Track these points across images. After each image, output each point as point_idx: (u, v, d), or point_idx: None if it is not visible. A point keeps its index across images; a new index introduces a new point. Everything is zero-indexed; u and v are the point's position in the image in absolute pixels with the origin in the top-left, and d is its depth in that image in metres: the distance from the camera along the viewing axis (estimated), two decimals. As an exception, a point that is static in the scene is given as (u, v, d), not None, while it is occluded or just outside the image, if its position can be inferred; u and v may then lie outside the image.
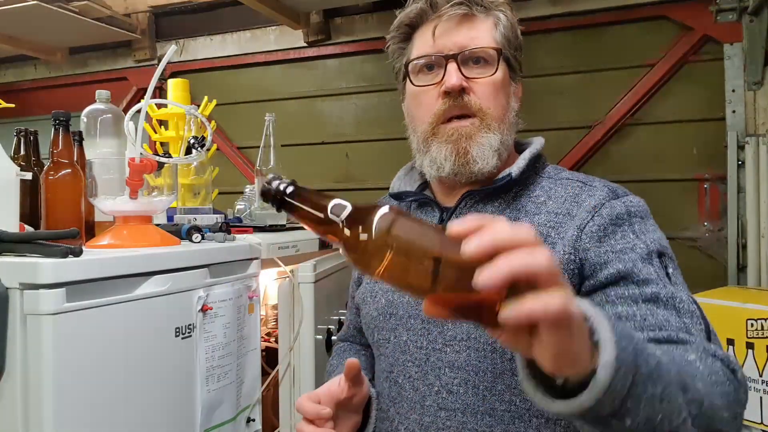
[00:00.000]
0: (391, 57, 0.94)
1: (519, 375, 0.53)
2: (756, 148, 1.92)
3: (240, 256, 1.23)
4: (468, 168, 0.83)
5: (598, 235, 0.78)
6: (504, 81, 0.86)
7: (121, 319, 0.93)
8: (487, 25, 0.86)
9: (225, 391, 1.16)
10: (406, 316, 0.86)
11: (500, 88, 0.85)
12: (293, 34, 2.60)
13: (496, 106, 0.85)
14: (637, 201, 0.82)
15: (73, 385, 0.85)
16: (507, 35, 0.87)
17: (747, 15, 1.96)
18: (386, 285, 0.85)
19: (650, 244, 0.76)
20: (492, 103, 0.84)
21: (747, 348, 1.62)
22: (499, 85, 0.85)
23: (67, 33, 2.62)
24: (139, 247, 1.03)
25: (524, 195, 0.87)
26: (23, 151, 1.24)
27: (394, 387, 0.86)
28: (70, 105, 1.60)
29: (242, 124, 2.75)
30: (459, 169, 0.84)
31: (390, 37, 0.93)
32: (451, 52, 0.84)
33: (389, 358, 0.88)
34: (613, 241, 0.77)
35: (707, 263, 2.04)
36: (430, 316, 0.50)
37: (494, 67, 0.85)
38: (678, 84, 2.10)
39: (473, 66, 0.85)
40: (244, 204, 1.77)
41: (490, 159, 0.84)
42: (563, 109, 2.23)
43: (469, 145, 0.83)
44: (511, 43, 0.87)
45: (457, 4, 0.84)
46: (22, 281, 0.83)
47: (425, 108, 0.86)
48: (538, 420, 0.78)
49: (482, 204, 0.87)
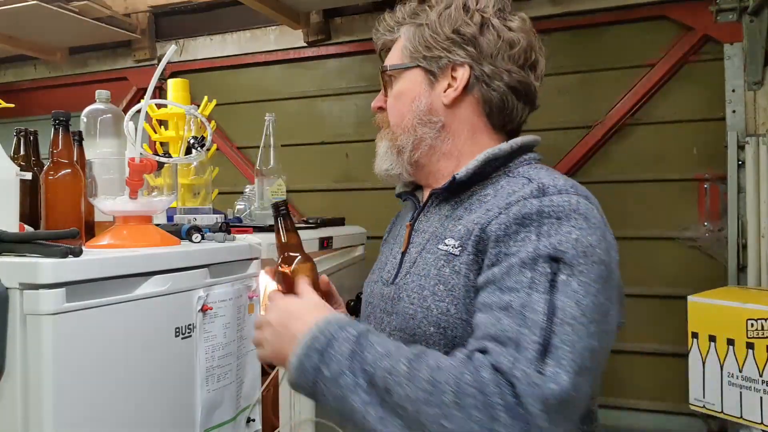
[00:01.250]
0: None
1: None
2: (756, 148, 1.92)
3: (240, 256, 1.23)
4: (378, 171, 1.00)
5: (497, 234, 0.76)
6: (400, 92, 0.95)
7: (121, 319, 0.93)
8: (398, 45, 0.97)
9: (225, 391, 1.16)
10: (374, 304, 0.97)
11: (396, 99, 0.96)
12: (293, 34, 2.60)
13: (393, 115, 0.96)
14: (560, 201, 0.75)
15: (73, 385, 0.85)
16: (416, 43, 0.93)
17: (747, 15, 1.96)
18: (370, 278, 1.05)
19: (543, 248, 0.71)
20: (391, 114, 0.97)
21: (747, 348, 1.62)
22: (396, 96, 0.96)
23: (67, 33, 2.62)
24: (139, 247, 1.03)
25: (477, 193, 0.88)
26: (23, 151, 1.24)
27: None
28: (70, 105, 1.60)
29: (242, 124, 2.75)
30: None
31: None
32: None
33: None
34: (511, 243, 0.74)
35: (707, 263, 2.04)
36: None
37: (390, 85, 0.97)
38: (678, 84, 2.10)
39: (388, 86, 0.98)
40: (244, 204, 1.77)
41: (381, 163, 0.98)
42: (563, 109, 2.23)
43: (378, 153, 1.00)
44: (424, 46, 0.93)
45: (381, 35, 1.00)
46: (22, 281, 0.83)
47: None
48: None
49: (444, 202, 0.93)
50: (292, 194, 2.02)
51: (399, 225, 1.05)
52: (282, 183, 1.54)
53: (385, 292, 0.93)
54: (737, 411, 1.65)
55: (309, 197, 2.64)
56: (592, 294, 0.69)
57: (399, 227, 1.04)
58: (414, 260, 0.89)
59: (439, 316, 0.80)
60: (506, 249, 0.74)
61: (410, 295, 0.85)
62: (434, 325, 0.80)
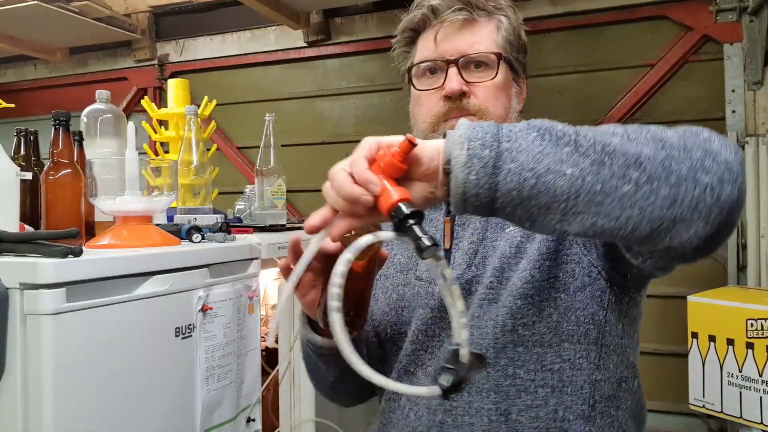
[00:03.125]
0: (397, 60, 0.97)
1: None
2: (756, 148, 1.92)
3: (240, 256, 1.23)
4: None
5: None
6: (505, 83, 0.88)
7: (121, 319, 0.93)
8: (489, 29, 0.88)
9: (225, 391, 1.16)
10: (418, 307, 0.87)
11: (501, 90, 0.87)
12: (293, 34, 2.60)
13: (496, 106, 0.86)
14: None
15: (73, 385, 0.85)
16: (509, 38, 0.88)
17: (747, 15, 1.96)
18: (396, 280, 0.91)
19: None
20: (492, 103, 0.86)
21: (747, 348, 1.62)
22: (500, 87, 0.87)
23: (67, 33, 2.62)
24: (139, 247, 1.03)
25: None
26: (23, 151, 1.24)
27: (405, 377, 0.86)
28: (70, 105, 1.60)
29: (242, 124, 2.75)
30: None
31: (395, 41, 0.95)
32: (452, 57, 0.86)
33: (403, 351, 0.88)
34: None
35: (707, 263, 2.04)
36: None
37: (494, 71, 0.86)
38: (678, 84, 2.10)
39: (474, 70, 0.86)
40: (244, 204, 1.77)
41: None
42: (563, 109, 2.23)
43: None
44: (513, 46, 0.89)
45: (458, 9, 0.86)
46: (22, 281, 0.83)
47: (426, 110, 0.88)
48: (544, 390, 0.78)
49: None
50: (292, 194, 2.02)
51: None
52: (282, 183, 1.54)
53: (438, 290, 0.84)
54: (737, 411, 1.65)
55: (309, 197, 2.64)
56: None
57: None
58: (475, 251, 0.84)
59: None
60: None
61: (489, 278, 0.81)
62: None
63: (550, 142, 0.56)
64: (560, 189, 0.55)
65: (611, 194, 0.55)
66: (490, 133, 0.57)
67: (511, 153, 0.55)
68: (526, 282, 0.79)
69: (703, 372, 1.76)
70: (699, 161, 0.57)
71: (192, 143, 1.44)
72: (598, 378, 0.79)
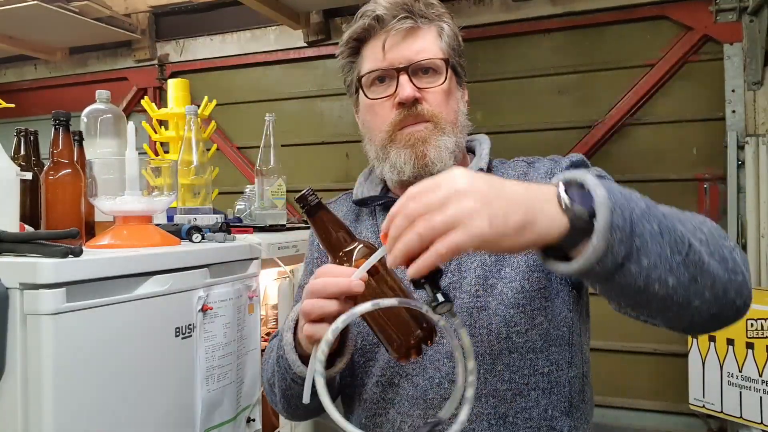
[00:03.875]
0: (342, 71, 0.97)
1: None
2: (756, 148, 1.92)
3: (240, 256, 1.23)
4: (428, 170, 0.86)
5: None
6: (452, 88, 0.91)
7: (121, 319, 0.93)
8: (432, 35, 0.90)
9: (225, 391, 1.16)
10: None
11: (450, 94, 0.90)
12: (293, 34, 2.60)
13: (448, 111, 0.89)
14: (575, 155, 0.91)
15: (73, 385, 0.85)
16: (451, 44, 0.91)
17: (747, 15, 1.96)
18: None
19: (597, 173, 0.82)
20: (444, 108, 0.89)
21: (747, 348, 1.63)
22: (449, 92, 0.90)
23: (67, 33, 2.62)
24: (139, 247, 1.03)
25: None
26: (23, 151, 1.25)
27: (390, 389, 0.85)
28: (70, 105, 1.60)
29: (242, 124, 2.74)
30: (419, 171, 0.86)
31: (339, 52, 0.96)
32: (402, 65, 0.87)
33: (379, 362, 0.87)
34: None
35: (707, 263, 2.04)
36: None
37: (443, 76, 0.89)
38: (678, 84, 2.10)
39: (423, 76, 0.88)
40: (244, 204, 1.77)
41: (447, 160, 0.87)
42: (563, 109, 2.23)
43: (426, 149, 0.86)
44: (455, 51, 0.92)
45: (403, 18, 0.88)
46: (22, 281, 0.83)
47: (381, 118, 0.90)
48: (536, 392, 0.81)
49: None
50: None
51: (366, 234, 0.95)
52: (282, 183, 1.54)
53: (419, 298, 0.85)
54: (737, 411, 1.66)
55: (309, 197, 2.64)
56: None
57: (369, 236, 0.94)
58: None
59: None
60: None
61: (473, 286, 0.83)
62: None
63: (669, 245, 0.59)
64: (658, 295, 0.59)
65: (686, 306, 0.62)
66: (627, 230, 0.56)
67: (638, 255, 0.57)
68: (518, 292, 0.82)
69: (703, 372, 1.76)
70: (739, 287, 0.65)
71: (192, 143, 1.44)
72: (572, 375, 0.84)
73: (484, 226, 0.52)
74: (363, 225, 0.97)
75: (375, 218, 0.96)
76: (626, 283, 0.57)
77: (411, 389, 0.84)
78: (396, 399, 0.85)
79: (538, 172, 0.90)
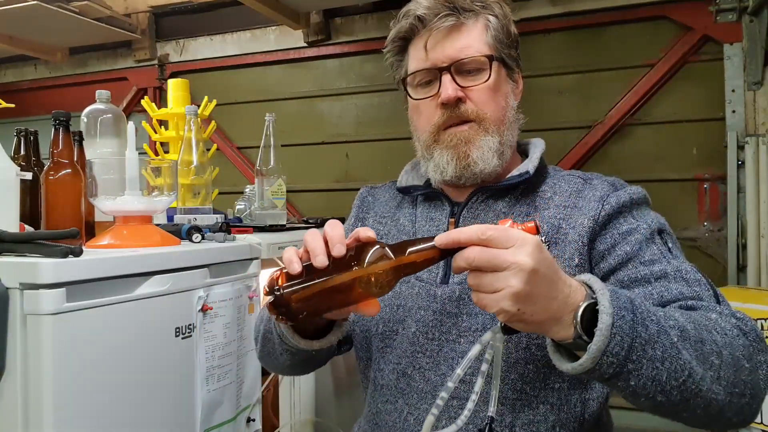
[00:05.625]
0: (390, 69, 0.97)
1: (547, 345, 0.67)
2: (756, 148, 1.92)
3: (240, 256, 1.23)
4: (470, 170, 0.87)
5: (604, 222, 0.83)
6: (499, 83, 0.89)
7: (121, 319, 0.93)
8: (477, 30, 0.88)
9: (225, 391, 1.16)
10: (415, 307, 0.87)
11: (495, 91, 0.88)
12: (293, 34, 2.60)
13: (493, 109, 0.88)
14: (637, 189, 0.88)
15: (73, 385, 0.85)
16: (498, 36, 0.89)
17: (747, 15, 1.96)
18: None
19: (651, 223, 0.83)
20: (488, 107, 0.87)
21: (747, 348, 1.62)
22: (494, 88, 0.88)
23: (67, 33, 2.62)
24: (139, 247, 1.03)
25: (531, 192, 0.90)
26: (23, 151, 1.25)
27: (403, 378, 0.86)
28: (70, 105, 1.60)
29: (242, 124, 2.75)
30: (461, 172, 0.87)
31: (386, 50, 0.96)
32: (444, 65, 0.86)
33: (397, 350, 0.88)
34: (618, 225, 0.83)
35: (707, 263, 2.04)
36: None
37: (487, 73, 0.87)
38: (678, 84, 2.10)
39: (467, 74, 0.87)
40: (244, 204, 1.77)
41: (490, 160, 0.87)
42: (563, 109, 2.23)
43: (469, 149, 0.86)
44: (503, 43, 0.89)
45: (444, 15, 0.86)
46: (22, 281, 0.83)
47: (426, 118, 0.90)
48: (545, 407, 0.80)
49: (492, 200, 0.90)
50: (292, 194, 2.02)
51: (403, 222, 0.96)
52: (282, 183, 1.54)
53: (441, 293, 0.85)
54: (737, 411, 1.65)
55: (309, 197, 2.64)
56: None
57: (405, 224, 0.96)
58: None
59: None
60: (617, 230, 0.83)
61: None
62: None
63: (667, 371, 0.62)
64: (644, 403, 0.64)
65: (675, 416, 0.66)
66: (622, 356, 0.61)
67: (628, 376, 0.62)
68: None
69: (703, 372, 1.75)
70: (740, 409, 0.67)
71: (192, 143, 1.44)
72: (586, 396, 0.82)
73: (512, 311, 0.60)
74: (402, 212, 0.99)
75: (415, 208, 0.97)
76: (614, 387, 0.64)
77: (422, 383, 0.84)
78: (407, 390, 0.86)
79: (594, 193, 0.86)
